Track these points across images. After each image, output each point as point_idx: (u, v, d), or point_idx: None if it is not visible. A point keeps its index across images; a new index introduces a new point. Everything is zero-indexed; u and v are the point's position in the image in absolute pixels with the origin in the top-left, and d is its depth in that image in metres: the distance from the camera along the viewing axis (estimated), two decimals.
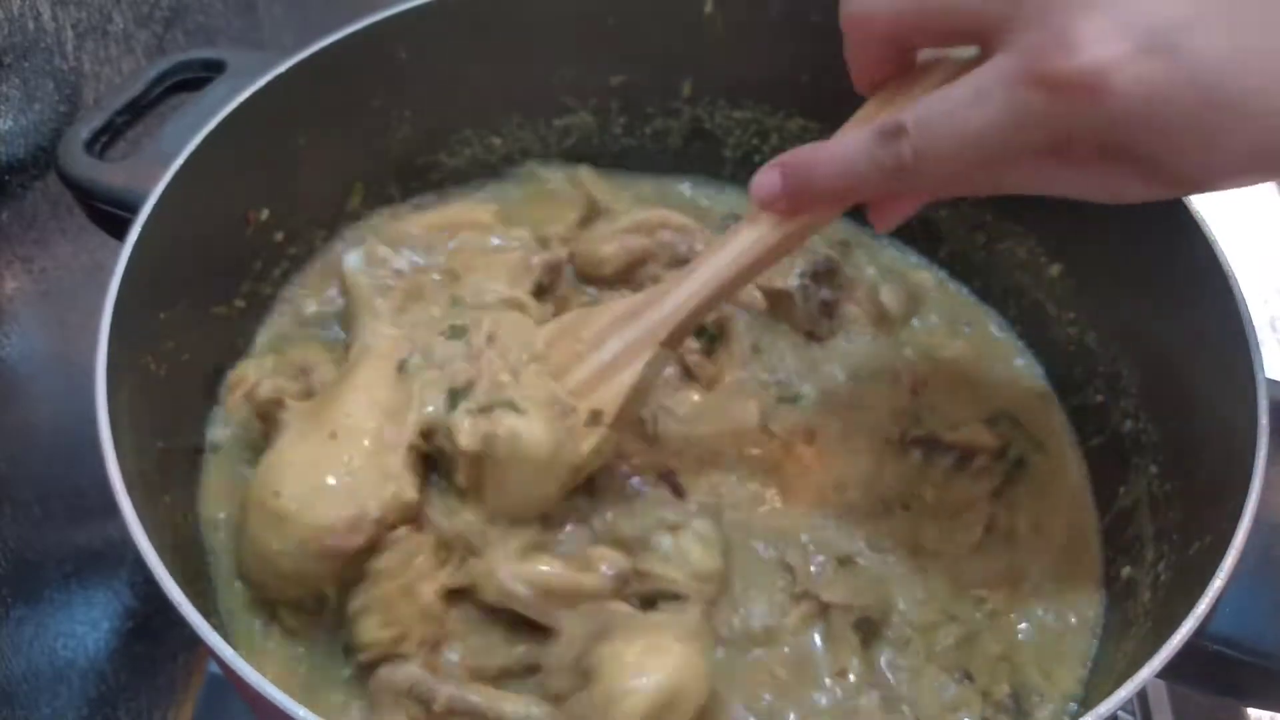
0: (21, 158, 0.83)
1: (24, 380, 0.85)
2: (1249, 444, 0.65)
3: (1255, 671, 0.67)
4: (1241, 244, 0.79)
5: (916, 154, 0.59)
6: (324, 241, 0.93)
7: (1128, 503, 0.81)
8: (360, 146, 0.92)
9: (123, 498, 0.63)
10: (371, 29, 0.86)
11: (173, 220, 0.75)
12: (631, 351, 0.73)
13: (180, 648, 1.05)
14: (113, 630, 0.96)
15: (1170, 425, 0.79)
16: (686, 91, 1.01)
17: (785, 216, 0.68)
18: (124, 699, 0.97)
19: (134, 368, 0.73)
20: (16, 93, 0.81)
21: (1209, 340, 0.73)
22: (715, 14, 0.94)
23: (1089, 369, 0.88)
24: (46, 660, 0.86)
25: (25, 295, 0.84)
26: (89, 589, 0.93)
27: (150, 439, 0.73)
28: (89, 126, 0.84)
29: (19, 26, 0.80)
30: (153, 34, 1.00)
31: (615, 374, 0.73)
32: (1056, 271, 0.90)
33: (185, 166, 0.76)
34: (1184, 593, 0.64)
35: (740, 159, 1.04)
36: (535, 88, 0.98)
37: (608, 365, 0.73)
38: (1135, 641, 0.71)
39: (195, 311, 0.81)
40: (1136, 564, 0.77)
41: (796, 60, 0.95)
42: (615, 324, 0.74)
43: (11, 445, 0.83)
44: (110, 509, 0.62)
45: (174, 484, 0.76)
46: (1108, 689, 0.60)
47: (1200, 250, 0.74)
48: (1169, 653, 0.60)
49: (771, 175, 0.67)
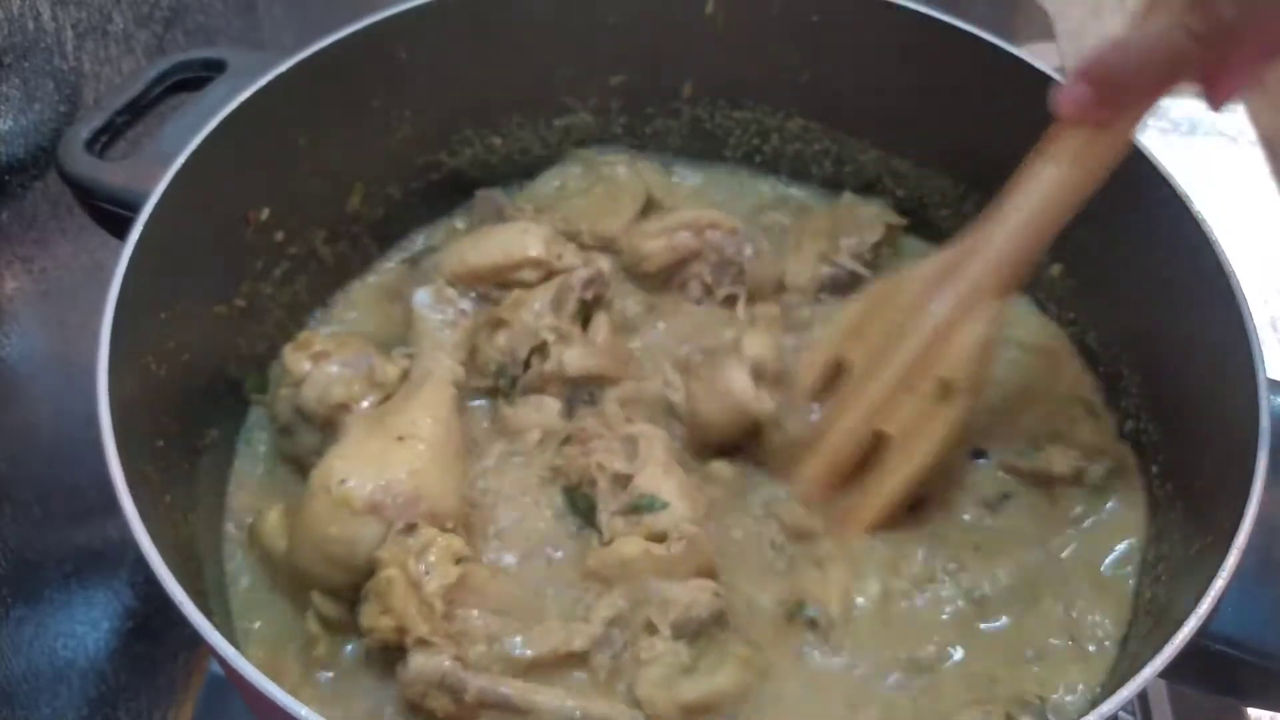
0: (21, 158, 0.83)
1: (24, 380, 0.84)
2: (1249, 444, 0.65)
3: (1255, 671, 0.67)
4: (1241, 244, 0.79)
5: (1239, 7, 0.56)
6: (325, 243, 0.94)
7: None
8: (360, 146, 0.92)
9: (124, 497, 0.63)
10: (371, 29, 0.86)
11: (173, 220, 0.75)
12: (965, 307, 0.69)
13: (180, 648, 1.05)
14: (113, 630, 0.96)
15: (1170, 425, 0.79)
16: (686, 91, 1.01)
17: (1102, 125, 0.65)
18: (124, 699, 0.97)
19: (134, 368, 0.73)
20: (16, 93, 0.81)
21: (1209, 340, 0.73)
22: (715, 14, 0.94)
23: (1089, 369, 0.88)
24: (46, 660, 0.86)
25: (25, 295, 0.84)
26: (89, 589, 0.93)
27: (150, 439, 0.73)
28: (89, 126, 0.84)
29: (19, 26, 0.80)
30: (153, 34, 1.00)
31: (953, 336, 0.70)
32: (1057, 271, 0.90)
33: (185, 166, 0.76)
34: (1184, 593, 0.64)
35: (740, 159, 1.04)
36: (535, 88, 0.98)
37: (941, 327, 0.70)
38: (1135, 641, 0.71)
39: (195, 311, 0.81)
40: (1137, 563, 0.77)
41: (796, 60, 0.95)
42: (936, 282, 0.71)
43: (11, 445, 0.83)
44: (110, 509, 0.62)
45: (174, 484, 0.76)
46: (1108, 689, 0.60)
47: (1200, 250, 0.74)
48: (1170, 653, 0.59)
49: (1077, 89, 0.64)
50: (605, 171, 1.00)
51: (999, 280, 0.69)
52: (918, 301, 0.71)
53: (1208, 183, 0.91)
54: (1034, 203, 0.68)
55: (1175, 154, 0.88)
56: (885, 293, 0.75)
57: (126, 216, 0.75)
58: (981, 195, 0.93)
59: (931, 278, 0.71)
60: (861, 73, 0.93)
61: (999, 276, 0.69)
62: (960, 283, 0.70)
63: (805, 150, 1.02)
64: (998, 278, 0.69)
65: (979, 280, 0.69)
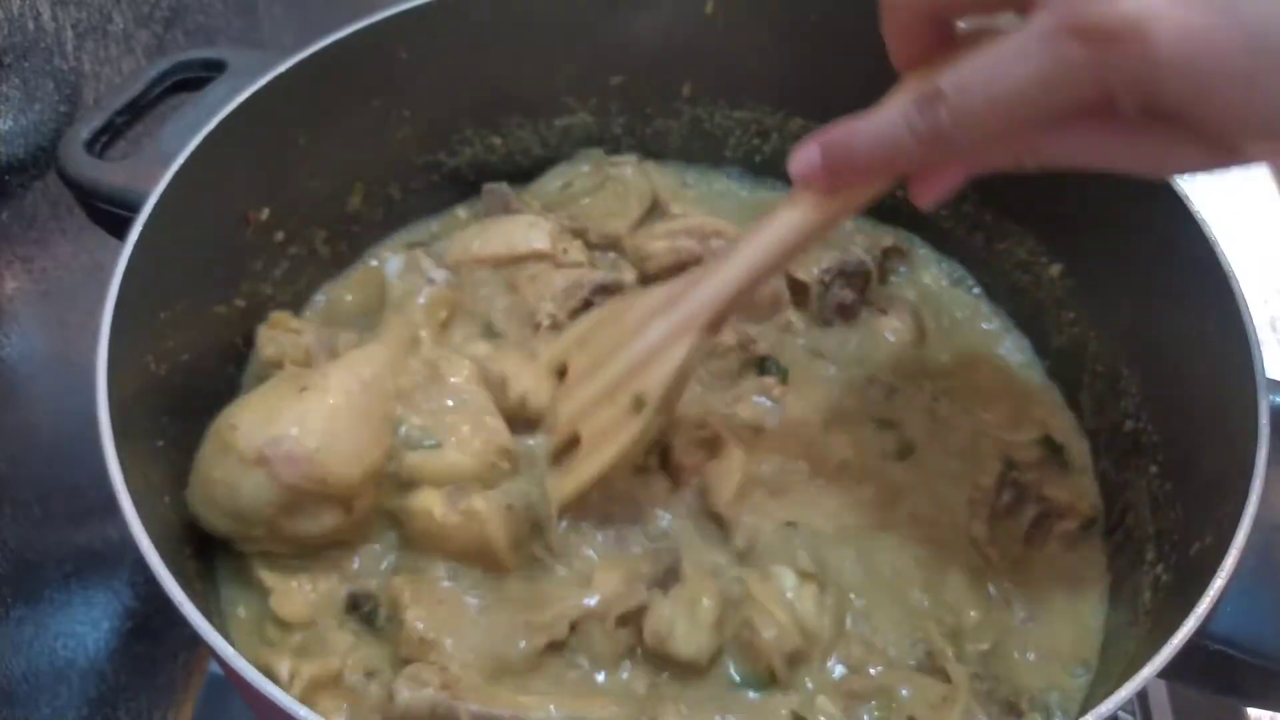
0: (21, 158, 0.83)
1: (24, 380, 0.85)
2: (1249, 444, 0.65)
3: (1255, 671, 0.67)
4: (1241, 244, 0.79)
5: (954, 118, 0.57)
6: (325, 243, 0.94)
7: (1128, 502, 0.81)
8: (360, 146, 0.92)
9: (123, 497, 0.63)
10: (371, 29, 0.86)
11: (173, 220, 0.75)
12: (674, 337, 0.73)
13: (180, 648, 1.05)
14: (113, 630, 0.96)
15: (1170, 425, 0.79)
16: (686, 91, 1.01)
17: (825, 194, 0.67)
18: (124, 699, 0.97)
19: (134, 367, 0.73)
20: (16, 93, 0.81)
21: (1209, 340, 0.73)
22: (715, 14, 0.94)
23: (1089, 369, 0.88)
24: (46, 660, 0.86)
25: (25, 295, 0.84)
26: (89, 589, 0.93)
27: (150, 439, 0.73)
28: (89, 126, 0.84)
29: (19, 26, 0.80)
30: (153, 34, 1.00)
31: (658, 360, 0.74)
32: (1056, 271, 0.90)
33: (185, 166, 0.76)
34: (1184, 593, 0.64)
35: (740, 159, 1.04)
36: (535, 88, 0.98)
37: (651, 351, 0.74)
38: (1135, 641, 0.71)
39: (195, 311, 0.81)
40: (1136, 564, 0.77)
41: (796, 60, 0.95)
42: (657, 310, 0.75)
43: (11, 445, 0.83)
44: (110, 509, 0.62)
45: (174, 484, 0.76)
46: (1108, 689, 0.60)
47: (1200, 250, 0.74)
48: (1169, 653, 0.60)
49: (810, 151, 0.66)
50: (613, 172, 1.00)
51: (710, 318, 0.73)
52: (637, 325, 0.76)
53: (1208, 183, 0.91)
54: (763, 245, 0.70)
55: None
56: (614, 312, 0.80)
57: (126, 216, 0.75)
58: (981, 195, 0.94)
59: (655, 306, 0.75)
60: (862, 73, 0.93)
61: (710, 314, 0.72)
62: (675, 314, 0.73)
63: None
64: (709, 315, 0.72)
65: (692, 316, 0.73)
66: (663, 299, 0.75)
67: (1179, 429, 0.78)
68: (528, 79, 0.97)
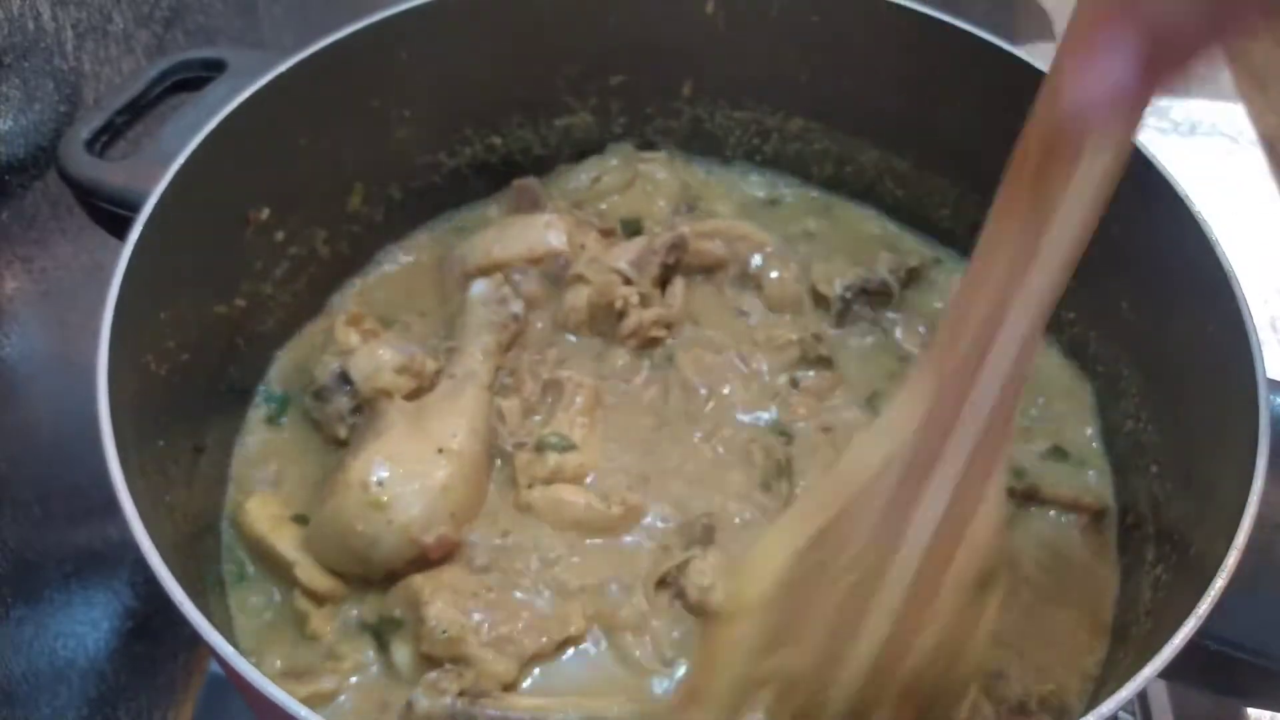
0: (21, 158, 0.83)
1: (24, 380, 0.84)
2: (1249, 444, 0.65)
3: (1255, 671, 0.67)
4: (1241, 244, 0.79)
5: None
6: (325, 243, 0.94)
7: (1128, 502, 0.81)
8: (360, 146, 0.92)
9: (124, 497, 0.63)
10: (371, 29, 0.86)
11: (173, 220, 0.75)
12: (969, 492, 0.55)
13: (180, 648, 1.05)
14: (113, 630, 0.96)
15: (1170, 425, 0.79)
16: (686, 91, 1.01)
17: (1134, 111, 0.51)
18: (124, 699, 0.97)
19: (134, 367, 0.73)
20: (16, 93, 0.81)
21: (1209, 340, 0.73)
22: (715, 14, 0.94)
23: (1089, 369, 0.88)
24: (46, 660, 0.86)
25: (25, 295, 0.84)
26: (89, 589, 0.93)
27: (150, 439, 0.73)
28: (89, 126, 0.84)
29: (19, 26, 0.80)
30: (153, 34, 1.00)
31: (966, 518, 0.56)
32: None
33: (185, 166, 0.76)
34: (1184, 593, 0.64)
35: (740, 158, 1.04)
36: (535, 88, 0.98)
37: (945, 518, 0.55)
38: (1135, 641, 0.71)
39: (195, 311, 0.81)
40: (1136, 564, 0.77)
41: (796, 60, 0.95)
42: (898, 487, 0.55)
43: (11, 445, 0.83)
44: (110, 509, 0.62)
45: (174, 484, 0.76)
46: (1108, 689, 0.60)
47: (1200, 250, 0.74)
48: (1169, 653, 0.59)
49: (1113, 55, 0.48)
50: (643, 169, 1.01)
51: (1003, 426, 0.52)
52: (880, 524, 0.52)
53: (1208, 183, 0.91)
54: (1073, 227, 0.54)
55: (1175, 154, 0.89)
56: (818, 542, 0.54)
57: (126, 216, 0.75)
58: (981, 195, 0.93)
59: (889, 483, 0.51)
60: (861, 73, 0.93)
61: (1000, 419, 0.52)
62: (949, 465, 0.51)
63: (805, 150, 1.02)
64: (1000, 421, 0.52)
65: (977, 444, 0.50)
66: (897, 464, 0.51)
67: (1179, 429, 0.78)
68: (528, 79, 0.97)
